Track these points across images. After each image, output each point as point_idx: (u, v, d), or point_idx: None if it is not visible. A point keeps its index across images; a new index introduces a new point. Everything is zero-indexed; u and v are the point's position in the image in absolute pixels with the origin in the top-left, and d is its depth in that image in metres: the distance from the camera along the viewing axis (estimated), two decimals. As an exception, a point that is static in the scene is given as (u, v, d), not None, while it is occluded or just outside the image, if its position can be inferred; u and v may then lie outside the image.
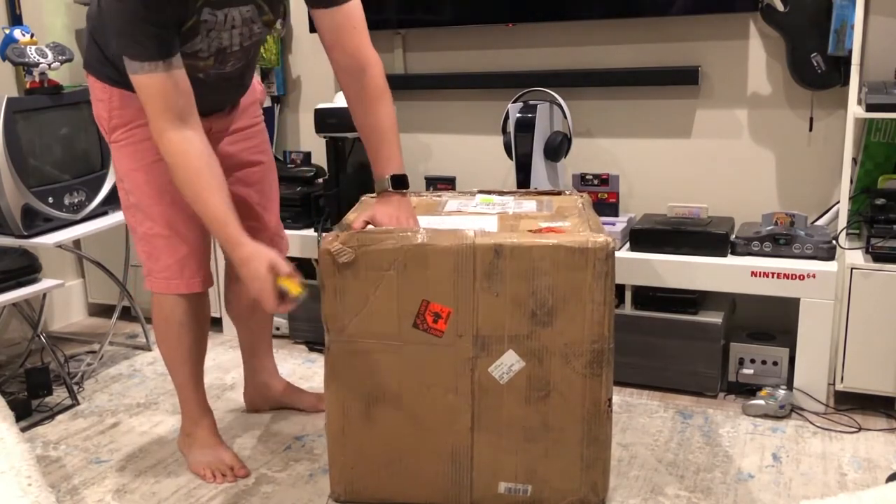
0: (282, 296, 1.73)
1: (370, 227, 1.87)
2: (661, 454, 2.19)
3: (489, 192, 2.24)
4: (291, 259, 2.97)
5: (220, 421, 2.42)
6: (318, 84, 3.32)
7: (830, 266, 2.34)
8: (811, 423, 2.33)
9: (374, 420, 1.89)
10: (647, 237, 2.54)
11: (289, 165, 3.17)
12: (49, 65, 2.70)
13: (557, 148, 2.68)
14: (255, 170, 2.23)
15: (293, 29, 3.27)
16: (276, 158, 2.66)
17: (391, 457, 1.92)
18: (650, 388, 2.58)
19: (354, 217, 2.03)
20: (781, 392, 2.38)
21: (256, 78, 2.25)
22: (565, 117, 2.73)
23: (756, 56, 2.66)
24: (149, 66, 1.72)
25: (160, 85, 1.74)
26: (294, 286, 1.73)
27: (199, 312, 2.12)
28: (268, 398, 2.50)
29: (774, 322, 2.65)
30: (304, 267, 3.05)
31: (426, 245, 1.78)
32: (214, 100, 2.04)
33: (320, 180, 3.05)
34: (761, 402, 2.38)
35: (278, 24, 2.56)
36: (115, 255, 3.09)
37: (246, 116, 2.19)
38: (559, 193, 2.23)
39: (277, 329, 3.09)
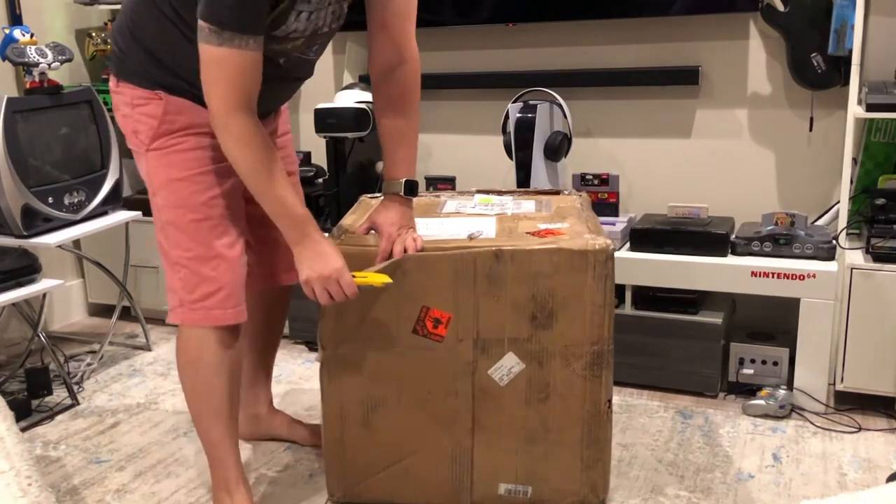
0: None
1: (372, 232, 1.86)
2: (661, 454, 2.19)
3: (488, 192, 2.24)
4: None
5: (220, 421, 2.43)
6: (318, 84, 3.31)
7: (830, 266, 2.34)
8: (811, 423, 2.33)
9: (373, 426, 1.89)
10: (647, 237, 2.54)
11: (289, 165, 3.17)
12: (49, 65, 2.70)
13: (557, 148, 2.68)
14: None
15: (293, 28, 3.27)
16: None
17: (390, 460, 1.91)
18: (650, 388, 2.58)
19: (353, 220, 2.02)
20: (781, 392, 2.38)
21: None
22: (565, 117, 2.73)
23: (756, 56, 2.66)
24: (240, 40, 1.56)
25: (243, 62, 1.58)
26: (376, 277, 1.74)
27: (232, 352, 1.86)
28: (257, 431, 2.31)
29: (774, 322, 2.65)
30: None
31: (426, 251, 1.77)
32: (276, 97, 1.90)
33: (320, 180, 3.05)
34: (761, 402, 2.38)
35: None
36: (115, 255, 3.09)
37: (283, 121, 2.06)
38: (558, 193, 2.23)
39: (277, 329, 3.09)
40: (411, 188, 1.84)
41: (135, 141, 1.81)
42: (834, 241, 2.39)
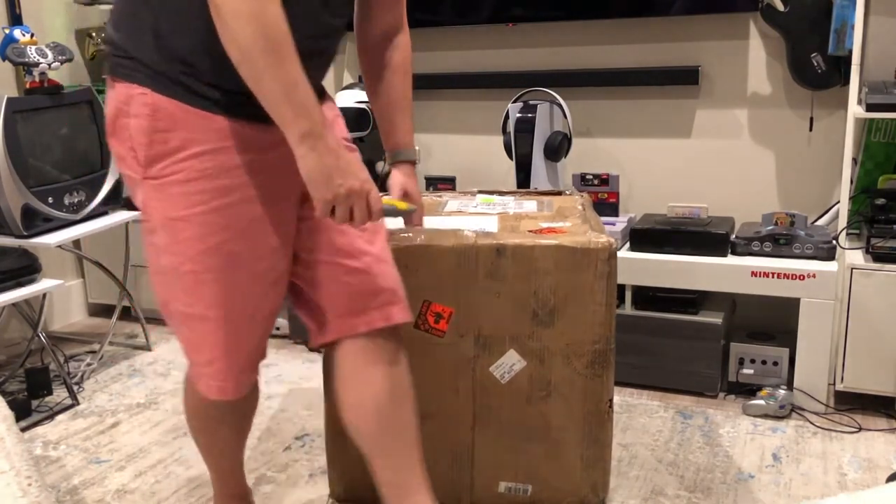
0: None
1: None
2: (661, 454, 2.19)
3: (489, 193, 2.24)
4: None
5: (220, 421, 2.43)
6: (317, 84, 3.31)
7: (830, 266, 2.34)
8: (811, 423, 2.33)
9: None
10: (647, 237, 2.54)
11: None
12: (49, 65, 2.70)
13: (557, 148, 2.68)
14: None
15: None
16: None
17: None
18: (650, 388, 2.58)
19: None
20: (781, 392, 2.38)
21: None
22: (565, 117, 2.73)
23: (756, 56, 2.67)
24: None
25: None
26: (399, 202, 1.58)
27: (239, 403, 1.61)
28: None
29: (774, 322, 2.65)
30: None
31: (428, 245, 1.78)
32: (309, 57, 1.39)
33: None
34: (761, 402, 2.38)
35: None
36: (115, 255, 3.09)
37: (338, 129, 1.63)
38: (559, 193, 2.23)
39: (278, 329, 3.10)
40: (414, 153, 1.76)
41: (130, 163, 1.42)
42: (834, 241, 2.39)
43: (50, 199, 2.63)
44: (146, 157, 1.39)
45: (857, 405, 2.39)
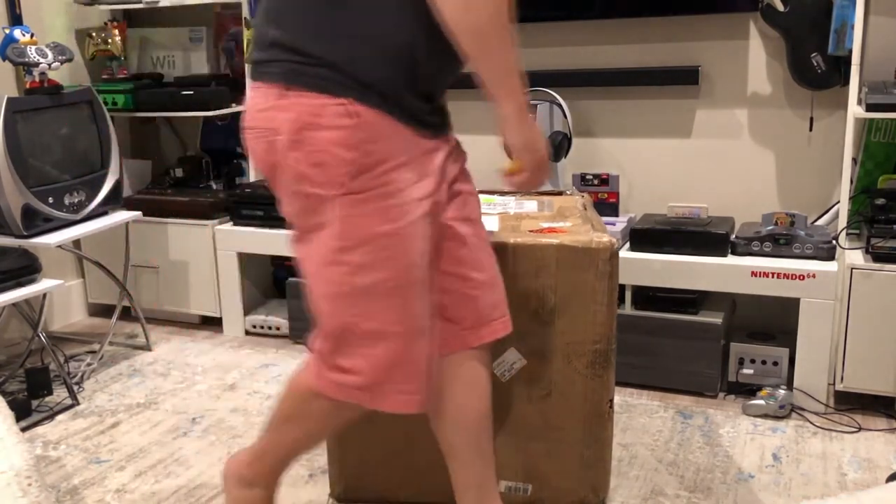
0: None
1: None
2: (661, 454, 2.19)
3: (490, 193, 2.24)
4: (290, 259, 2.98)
5: (220, 422, 2.43)
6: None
7: (830, 266, 2.34)
8: (811, 423, 2.33)
9: (375, 419, 1.89)
10: (647, 237, 2.54)
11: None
12: (49, 65, 2.70)
13: (557, 148, 2.68)
14: (475, 198, 1.64)
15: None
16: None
17: (391, 455, 1.92)
18: (650, 388, 2.58)
19: None
20: (781, 392, 2.38)
21: None
22: (565, 117, 2.73)
23: (756, 56, 2.67)
24: None
25: None
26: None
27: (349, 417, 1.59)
28: None
29: (774, 322, 2.65)
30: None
31: None
32: (446, 68, 1.55)
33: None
34: (761, 402, 2.38)
35: None
36: (115, 255, 3.09)
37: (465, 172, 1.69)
38: (560, 194, 2.23)
39: (278, 329, 3.10)
40: None
41: (318, 179, 1.35)
42: (834, 241, 2.39)
43: (50, 199, 2.63)
44: (348, 172, 1.34)
45: (857, 405, 2.39)
